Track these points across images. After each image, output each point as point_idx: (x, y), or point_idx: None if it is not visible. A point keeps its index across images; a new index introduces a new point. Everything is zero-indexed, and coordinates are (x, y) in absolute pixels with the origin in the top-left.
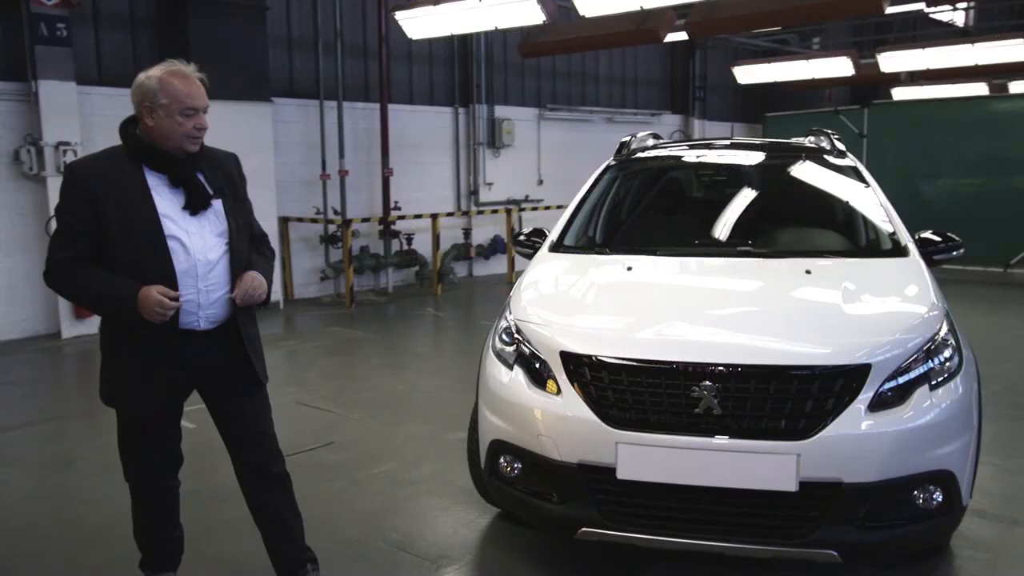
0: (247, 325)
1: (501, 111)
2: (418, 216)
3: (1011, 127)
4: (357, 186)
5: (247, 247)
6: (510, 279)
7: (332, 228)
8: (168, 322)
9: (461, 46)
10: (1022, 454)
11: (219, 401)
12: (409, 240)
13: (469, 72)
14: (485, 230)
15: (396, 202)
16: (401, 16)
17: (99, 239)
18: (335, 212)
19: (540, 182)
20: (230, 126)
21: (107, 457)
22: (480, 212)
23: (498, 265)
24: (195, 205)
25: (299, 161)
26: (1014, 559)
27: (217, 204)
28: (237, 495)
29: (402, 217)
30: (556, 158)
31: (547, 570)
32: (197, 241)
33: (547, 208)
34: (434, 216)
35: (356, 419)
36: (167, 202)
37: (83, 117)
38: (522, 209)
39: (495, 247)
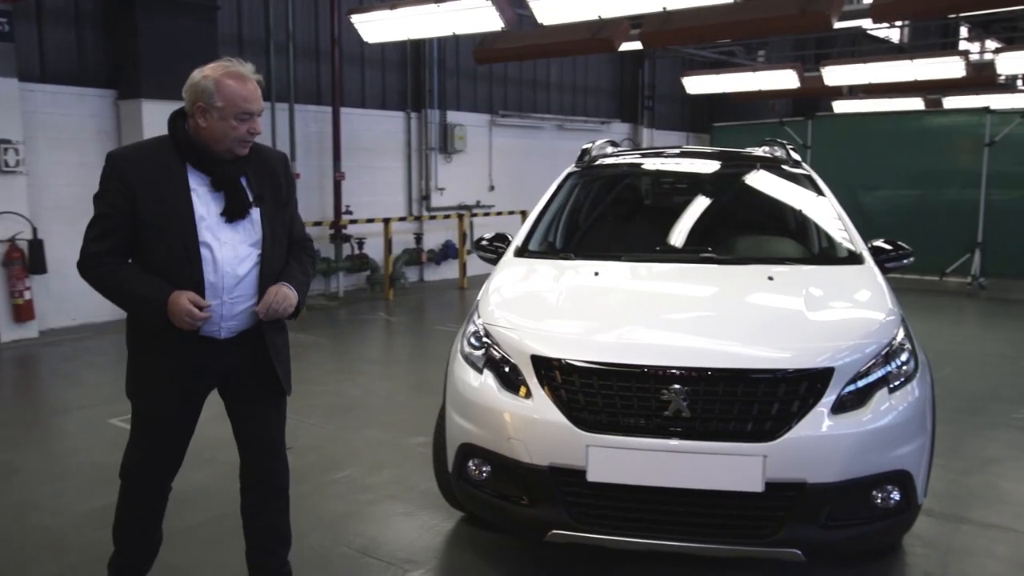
0: (273, 335)
1: (453, 116)
2: (370, 220)
3: (945, 141)
4: (308, 189)
5: (283, 255)
6: (462, 284)
7: None
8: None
9: (414, 50)
10: (964, 456)
11: (233, 405)
12: (360, 244)
13: (421, 77)
14: (437, 235)
15: (348, 206)
16: (357, 19)
17: (134, 233)
18: None
19: (492, 188)
20: None
21: (55, 465)
22: (432, 217)
23: (449, 270)
24: (233, 213)
25: None
26: (963, 555)
27: (255, 212)
28: (196, 501)
29: (354, 221)
30: (507, 164)
31: (514, 572)
32: (228, 252)
33: (499, 214)
34: (386, 221)
35: (313, 424)
36: (205, 205)
37: (25, 115)
38: (474, 215)
39: (447, 252)
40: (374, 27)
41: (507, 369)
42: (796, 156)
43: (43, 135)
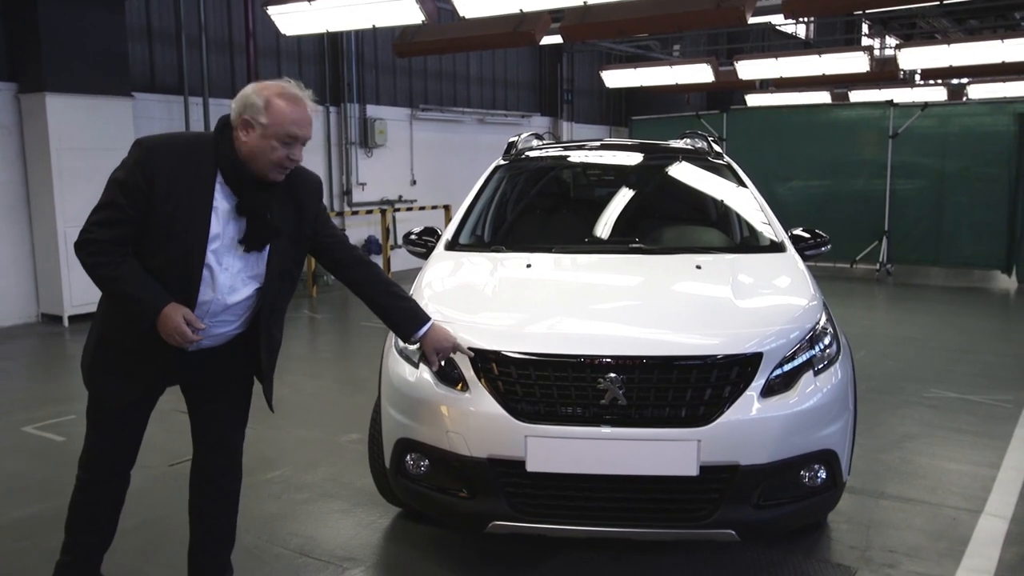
0: (269, 352)
1: (373, 111)
2: None
3: (852, 133)
4: None
5: (289, 288)
6: None
7: None
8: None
9: (331, 44)
10: (881, 435)
11: (196, 403)
12: None
13: (340, 70)
14: (359, 231)
15: None
16: (274, 11)
17: (141, 228)
18: None
19: (413, 182)
20: (88, 122)
21: None
22: (354, 212)
23: None
24: (251, 244)
25: None
26: (883, 528)
27: (266, 248)
28: (125, 505)
29: None
30: (429, 158)
31: (455, 564)
32: (225, 279)
33: (421, 208)
34: None
35: None
36: (221, 226)
37: None
38: (396, 209)
39: (369, 248)
40: (291, 19)
41: (443, 362)
42: (718, 148)
43: None
